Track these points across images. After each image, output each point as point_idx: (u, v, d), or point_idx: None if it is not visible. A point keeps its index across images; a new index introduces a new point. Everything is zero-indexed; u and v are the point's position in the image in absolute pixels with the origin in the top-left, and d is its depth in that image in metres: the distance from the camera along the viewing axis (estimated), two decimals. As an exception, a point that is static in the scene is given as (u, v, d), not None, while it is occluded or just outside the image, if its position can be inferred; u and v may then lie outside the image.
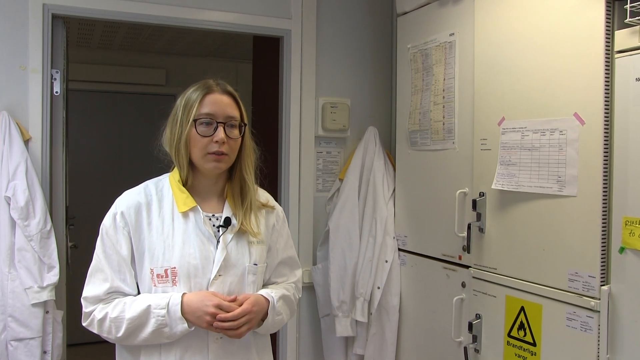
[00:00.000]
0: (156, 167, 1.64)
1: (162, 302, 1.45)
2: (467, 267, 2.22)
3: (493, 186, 2.02)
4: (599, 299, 1.69)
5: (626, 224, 1.63)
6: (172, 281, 1.48)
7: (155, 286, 1.49)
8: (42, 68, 2.36)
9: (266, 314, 1.55)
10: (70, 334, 2.52)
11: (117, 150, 5.02)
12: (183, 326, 1.44)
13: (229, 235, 1.54)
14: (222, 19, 2.67)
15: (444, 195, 2.34)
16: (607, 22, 1.67)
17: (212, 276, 1.50)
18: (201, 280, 1.49)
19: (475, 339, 2.13)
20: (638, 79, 1.59)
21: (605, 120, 1.68)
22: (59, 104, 2.45)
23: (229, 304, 1.46)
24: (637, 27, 1.61)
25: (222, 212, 1.57)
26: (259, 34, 2.83)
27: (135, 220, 1.51)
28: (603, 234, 1.70)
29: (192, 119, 1.50)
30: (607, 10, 1.67)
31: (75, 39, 4.42)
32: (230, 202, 1.58)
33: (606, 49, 1.67)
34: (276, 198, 1.99)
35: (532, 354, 1.91)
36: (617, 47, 1.65)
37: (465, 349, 2.17)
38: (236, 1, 2.69)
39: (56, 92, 2.42)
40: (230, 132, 1.53)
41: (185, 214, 1.53)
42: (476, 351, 2.13)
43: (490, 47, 2.08)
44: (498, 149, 2.02)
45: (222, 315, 1.43)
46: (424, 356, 2.48)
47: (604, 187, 1.69)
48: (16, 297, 2.17)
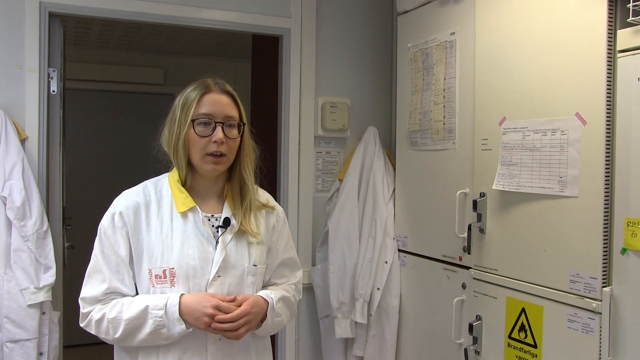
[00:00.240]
0: (155, 167, 1.64)
1: (160, 303, 1.44)
2: (468, 268, 2.22)
3: (494, 187, 2.02)
4: (601, 301, 1.69)
5: (628, 225, 1.63)
6: (171, 282, 1.48)
7: (153, 287, 1.49)
8: (39, 67, 2.35)
9: (265, 316, 1.55)
10: (67, 335, 2.52)
11: (114, 150, 5.02)
12: (181, 327, 1.44)
13: (228, 236, 1.54)
14: (221, 17, 2.67)
15: (444, 195, 2.34)
16: (610, 21, 1.67)
17: (211, 277, 1.50)
18: (200, 281, 1.49)
19: (475, 340, 2.13)
20: (640, 79, 1.59)
21: (607, 121, 1.68)
22: (56, 103, 2.45)
23: (227, 305, 1.45)
24: (639, 27, 1.60)
25: (221, 212, 1.57)
26: (258, 32, 2.83)
27: (133, 220, 1.51)
28: (605, 235, 1.70)
29: (190, 118, 1.50)
30: (610, 9, 1.67)
31: (72, 37, 4.41)
32: (229, 203, 1.58)
33: (608, 49, 1.67)
34: (275, 198, 1.98)
35: (533, 356, 1.91)
36: (619, 47, 1.65)
37: (465, 350, 2.17)
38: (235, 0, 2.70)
39: (53, 91, 2.42)
40: (229, 132, 1.52)
41: (184, 214, 1.52)
42: (477, 353, 2.13)
43: (491, 47, 2.08)
44: (499, 149, 2.02)
45: (220, 316, 1.43)
46: (424, 358, 2.48)
47: (605, 188, 1.69)
48: (12, 298, 2.17)
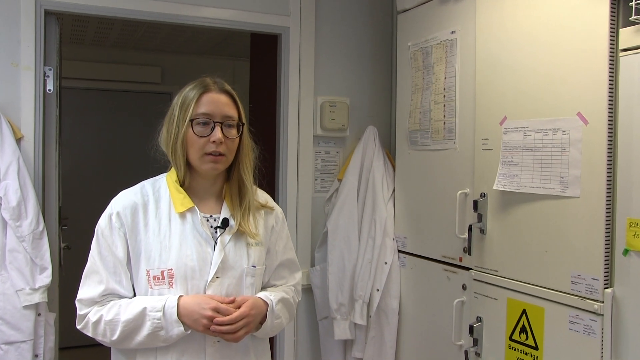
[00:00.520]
0: (153, 167, 1.64)
1: (158, 304, 1.44)
2: (468, 269, 2.21)
3: (494, 187, 2.02)
4: (603, 302, 1.69)
5: (630, 226, 1.63)
6: (169, 283, 1.48)
7: (151, 288, 1.48)
8: (35, 65, 2.34)
9: (265, 318, 1.54)
10: (62, 337, 2.51)
11: (111, 150, 5.01)
12: (179, 329, 1.43)
13: (226, 237, 1.54)
14: (219, 15, 2.67)
15: (444, 196, 2.34)
16: (612, 19, 1.67)
17: (210, 278, 1.49)
18: (198, 283, 1.49)
19: (476, 342, 2.13)
20: (643, 78, 1.59)
21: (609, 120, 1.68)
22: (51, 102, 2.44)
23: (226, 307, 1.45)
24: (642, 25, 1.61)
25: (220, 213, 1.57)
26: (257, 31, 2.82)
27: (131, 220, 1.51)
28: (607, 236, 1.69)
29: (188, 118, 1.49)
30: (612, 7, 1.66)
31: (68, 35, 4.40)
32: (228, 203, 1.58)
33: (610, 47, 1.67)
34: (274, 198, 1.98)
35: (534, 358, 1.91)
36: (621, 45, 1.65)
37: (466, 352, 2.17)
38: (233, -2, 2.70)
39: (49, 90, 2.41)
40: (228, 132, 1.52)
41: (182, 214, 1.52)
42: (477, 355, 2.13)
43: (492, 45, 2.08)
44: (500, 149, 2.02)
45: (219, 318, 1.42)
46: (424, 360, 2.48)
47: (607, 188, 1.69)
48: (7, 299, 2.16)
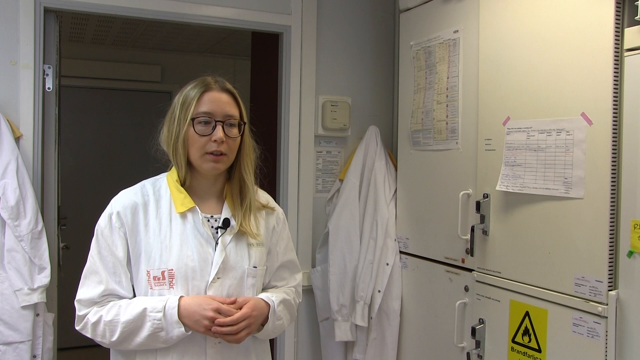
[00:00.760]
0: (153, 166, 1.64)
1: (159, 305, 1.44)
2: (471, 270, 2.21)
3: (497, 187, 2.02)
4: (607, 305, 1.69)
5: (635, 227, 1.62)
6: (169, 284, 1.47)
7: (151, 289, 1.48)
8: (34, 63, 2.34)
9: (266, 319, 1.54)
10: (61, 337, 2.51)
11: (111, 149, 5.01)
12: (180, 330, 1.43)
13: (227, 237, 1.54)
14: (220, 14, 2.67)
15: (446, 196, 2.34)
16: (617, 19, 1.66)
17: (211, 279, 1.49)
18: (199, 283, 1.49)
19: (478, 344, 2.13)
20: (648, 79, 1.59)
21: (614, 121, 1.68)
22: (51, 100, 2.44)
23: (228, 308, 1.45)
24: (647, 25, 1.60)
25: (220, 213, 1.57)
26: (258, 30, 2.82)
27: (131, 220, 1.51)
28: (611, 238, 1.69)
29: (190, 117, 1.49)
30: (617, 7, 1.66)
31: (68, 33, 4.41)
32: (229, 203, 1.58)
33: (615, 47, 1.66)
34: (275, 198, 1.98)
35: (537, 360, 1.91)
36: (626, 45, 1.65)
37: (468, 354, 2.16)
38: (234, -4, 2.69)
39: (48, 89, 2.41)
40: (229, 131, 1.52)
41: (183, 214, 1.52)
42: (479, 357, 2.13)
43: (495, 45, 2.08)
44: (503, 149, 2.01)
45: (220, 319, 1.42)
46: (426, 362, 2.48)
47: (612, 189, 1.69)
48: (5, 300, 2.16)
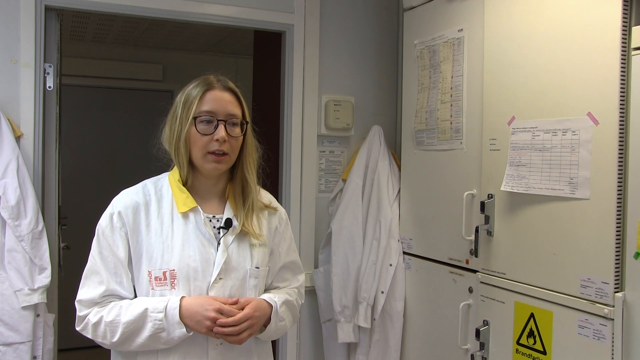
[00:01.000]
0: (155, 165, 1.64)
1: (160, 305, 1.44)
2: (475, 271, 2.21)
3: (502, 188, 2.01)
4: (613, 306, 1.68)
5: (642, 228, 1.62)
6: (171, 284, 1.47)
7: (153, 289, 1.48)
8: (35, 62, 2.34)
9: (269, 320, 1.54)
10: (62, 338, 2.51)
11: (112, 148, 5.02)
12: (181, 331, 1.43)
13: (229, 237, 1.54)
14: (222, 12, 2.66)
15: (451, 197, 2.33)
16: (624, 17, 1.66)
17: (212, 279, 1.49)
18: (201, 284, 1.49)
19: (482, 346, 2.12)
20: (655, 78, 1.59)
21: (621, 121, 1.67)
22: (52, 99, 2.44)
23: (229, 308, 1.45)
24: (655, 24, 1.60)
25: (223, 213, 1.57)
26: (260, 28, 2.82)
27: (133, 220, 1.51)
28: (617, 239, 1.69)
29: (192, 116, 1.49)
30: (625, 5, 1.65)
31: (68, 32, 4.41)
32: (231, 203, 1.58)
33: (622, 46, 1.66)
34: (277, 198, 1.98)
35: (542, 363, 1.90)
36: (634, 44, 1.64)
37: (472, 356, 2.16)
38: (236, -6, 2.69)
39: (49, 87, 2.41)
40: (232, 131, 1.52)
41: (185, 214, 1.52)
42: (483, 359, 2.12)
43: (500, 44, 2.07)
44: (507, 149, 2.01)
45: (222, 320, 1.42)
46: (429, 364, 2.47)
47: (618, 190, 1.68)
48: (5, 300, 2.16)
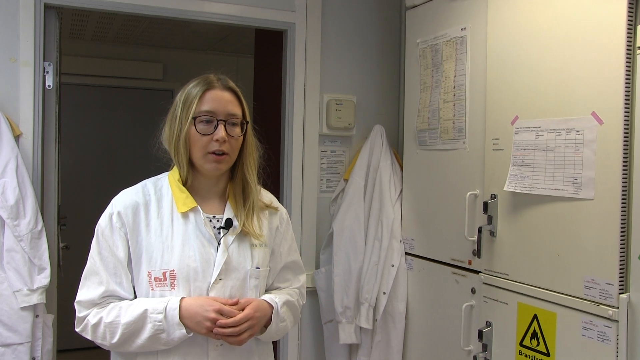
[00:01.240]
0: (155, 165, 1.64)
1: (160, 306, 1.44)
2: (478, 272, 2.21)
3: (505, 188, 2.01)
4: (617, 308, 1.68)
5: (646, 229, 1.62)
6: (171, 285, 1.47)
7: (152, 290, 1.48)
8: (34, 60, 2.34)
9: (269, 320, 1.54)
10: (61, 339, 2.51)
11: (112, 148, 5.02)
12: (181, 332, 1.43)
13: (230, 238, 1.54)
14: (223, 11, 2.66)
15: (453, 197, 2.33)
16: (630, 16, 1.65)
17: (213, 280, 1.49)
18: (201, 284, 1.49)
19: (485, 347, 2.12)
20: (660, 77, 1.58)
21: (625, 120, 1.67)
22: (51, 98, 2.44)
23: (230, 309, 1.45)
24: (660, 23, 1.60)
25: (223, 213, 1.57)
26: (262, 27, 2.82)
27: (132, 220, 1.51)
28: (622, 239, 1.68)
29: (191, 116, 1.49)
30: (630, 4, 1.65)
31: (68, 30, 4.41)
32: (231, 203, 1.58)
33: (627, 45, 1.65)
34: (278, 198, 1.98)
35: (545, 365, 1.90)
36: (639, 43, 1.64)
37: (474, 358, 2.16)
38: (238, -8, 2.69)
39: (48, 86, 2.41)
40: (232, 131, 1.52)
41: (185, 214, 1.52)
42: (486, 361, 2.13)
43: (503, 43, 2.07)
44: (511, 149, 2.01)
45: (222, 320, 1.42)
46: (431, 365, 2.47)
47: (622, 190, 1.68)
48: (4, 300, 2.16)
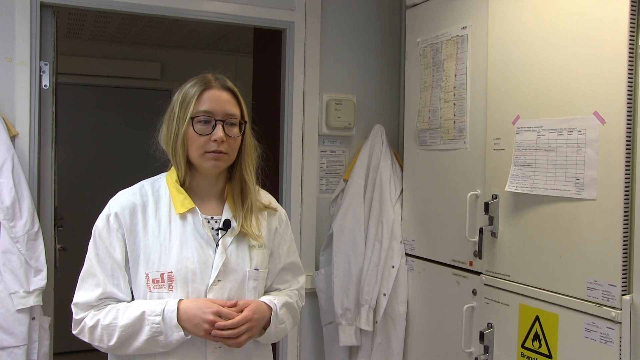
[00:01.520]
0: (152, 165, 1.64)
1: (157, 308, 1.44)
2: (479, 273, 2.21)
3: (506, 188, 2.01)
4: (620, 309, 1.68)
5: (649, 230, 1.62)
6: (169, 286, 1.47)
7: (150, 292, 1.48)
8: (30, 60, 2.34)
9: (268, 322, 1.54)
10: (58, 342, 2.51)
11: (109, 148, 5.02)
12: (179, 334, 1.43)
13: (228, 239, 1.54)
14: (221, 9, 2.66)
15: (454, 197, 2.33)
16: (632, 14, 1.65)
17: (211, 282, 1.49)
18: (199, 286, 1.49)
19: (486, 349, 2.12)
20: (663, 76, 1.58)
21: (628, 120, 1.67)
22: (47, 98, 2.44)
23: (228, 311, 1.45)
24: (662, 21, 1.60)
25: (221, 214, 1.57)
26: (260, 26, 2.82)
27: (130, 222, 1.51)
28: (624, 240, 1.68)
29: (189, 116, 1.49)
30: (632, 2, 1.65)
31: (65, 29, 4.41)
32: (230, 204, 1.58)
33: (630, 43, 1.65)
34: (277, 199, 1.98)
35: (547, 367, 1.90)
36: (641, 42, 1.64)
37: (476, 360, 2.16)
38: (236, -9, 2.69)
39: (45, 86, 2.41)
40: (230, 131, 1.52)
41: (182, 215, 1.52)
42: (488, 363, 2.13)
43: (505, 41, 2.07)
44: (512, 149, 2.01)
45: (221, 323, 1.42)
46: (432, 368, 2.47)
47: (625, 190, 1.68)
48: (0, 303, 2.16)
